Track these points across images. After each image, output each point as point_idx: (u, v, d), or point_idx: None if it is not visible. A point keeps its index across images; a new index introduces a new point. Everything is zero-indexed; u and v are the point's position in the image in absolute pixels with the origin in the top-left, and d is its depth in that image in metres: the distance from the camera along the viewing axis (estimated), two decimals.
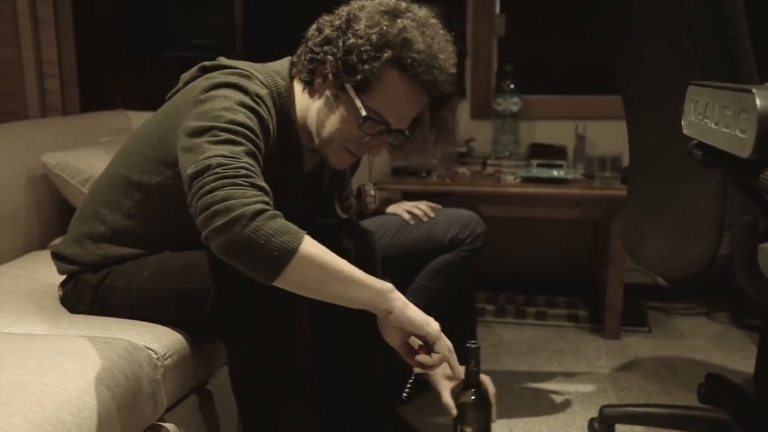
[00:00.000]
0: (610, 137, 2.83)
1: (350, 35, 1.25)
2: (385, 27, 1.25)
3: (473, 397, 1.38)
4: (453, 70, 1.31)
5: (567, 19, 3.04)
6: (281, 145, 1.31)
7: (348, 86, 1.27)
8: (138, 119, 2.53)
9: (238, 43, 3.10)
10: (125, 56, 2.82)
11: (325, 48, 1.28)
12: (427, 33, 1.27)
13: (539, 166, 2.70)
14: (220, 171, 1.06)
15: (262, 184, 1.10)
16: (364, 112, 1.27)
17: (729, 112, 0.85)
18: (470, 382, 1.39)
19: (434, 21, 1.32)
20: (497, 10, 3.02)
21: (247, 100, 1.20)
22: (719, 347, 2.47)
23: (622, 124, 1.73)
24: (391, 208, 1.94)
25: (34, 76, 2.39)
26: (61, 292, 1.48)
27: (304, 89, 1.36)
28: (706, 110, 0.94)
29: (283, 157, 1.34)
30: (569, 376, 2.23)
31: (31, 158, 1.99)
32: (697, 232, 1.34)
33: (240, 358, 1.27)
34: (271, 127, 1.25)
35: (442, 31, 1.32)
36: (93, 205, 1.41)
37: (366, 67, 1.24)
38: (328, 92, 1.30)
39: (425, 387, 1.54)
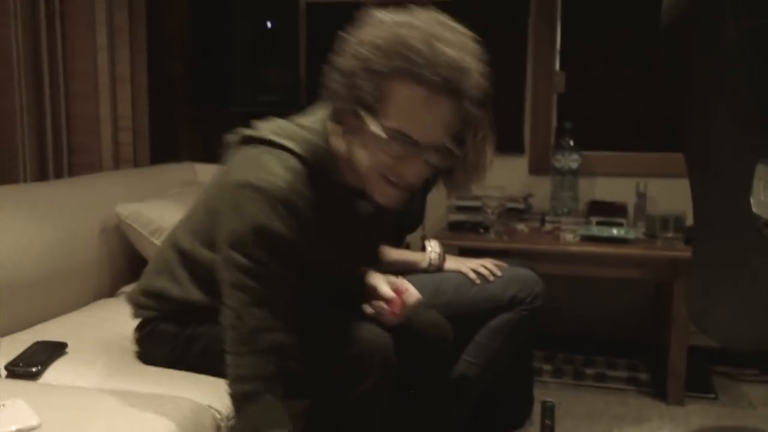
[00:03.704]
0: (672, 195, 2.78)
1: (350, 58, 1.18)
2: (379, 37, 1.16)
3: None
4: (472, 65, 1.17)
5: (627, 76, 3.03)
6: (331, 205, 1.30)
7: (360, 111, 1.18)
8: (204, 172, 2.62)
9: (302, 97, 3.19)
10: (194, 111, 2.94)
11: (333, 80, 1.22)
12: (428, 30, 1.15)
13: (599, 224, 2.67)
14: (232, 334, 1.19)
15: (265, 343, 1.17)
16: (383, 134, 1.17)
17: None
18: None
19: (443, 20, 1.19)
20: (557, 67, 3.04)
21: (266, 211, 1.18)
22: None
23: (685, 182, 1.70)
24: (453, 265, 1.94)
25: (109, 130, 2.51)
26: (137, 336, 1.52)
27: (338, 132, 1.27)
28: None
29: (338, 213, 1.34)
30: None
31: (105, 209, 2.08)
32: (767, 306, 1.31)
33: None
34: (303, 213, 1.23)
35: (455, 30, 1.19)
36: (166, 262, 1.46)
37: (368, 84, 1.16)
38: (352, 125, 1.22)
39: None
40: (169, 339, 1.43)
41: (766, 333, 1.32)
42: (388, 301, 1.42)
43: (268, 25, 2.84)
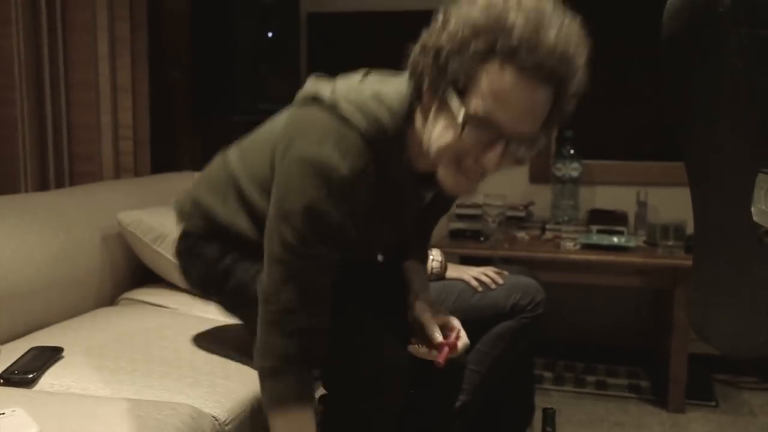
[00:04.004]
0: (673, 204, 2.79)
1: (443, 35, 1.09)
2: (477, 16, 1.07)
3: None
4: (577, 55, 1.08)
5: (628, 85, 3.04)
6: (391, 189, 1.26)
7: (446, 91, 1.10)
8: None
9: None
10: (195, 120, 2.95)
11: (420, 56, 1.14)
12: (531, 12, 1.05)
13: (599, 232, 2.68)
14: (263, 310, 1.20)
15: (294, 326, 1.18)
16: (460, 117, 1.08)
17: None
18: None
19: (547, 4, 1.09)
20: None
21: (323, 194, 1.15)
22: None
23: (686, 190, 1.70)
24: (455, 273, 1.94)
25: (110, 139, 2.51)
26: (178, 247, 1.49)
27: (419, 111, 1.20)
28: None
29: (397, 198, 1.28)
30: None
31: (106, 218, 2.08)
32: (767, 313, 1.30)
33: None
34: (361, 199, 1.19)
35: (564, 16, 1.09)
36: (220, 184, 1.43)
37: (457, 63, 1.07)
38: (434, 105, 1.14)
39: None
40: (206, 263, 1.42)
41: (764, 340, 1.31)
42: (436, 345, 1.37)
43: (269, 34, 2.85)
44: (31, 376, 1.39)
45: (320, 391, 1.37)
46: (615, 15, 3.02)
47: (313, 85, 1.26)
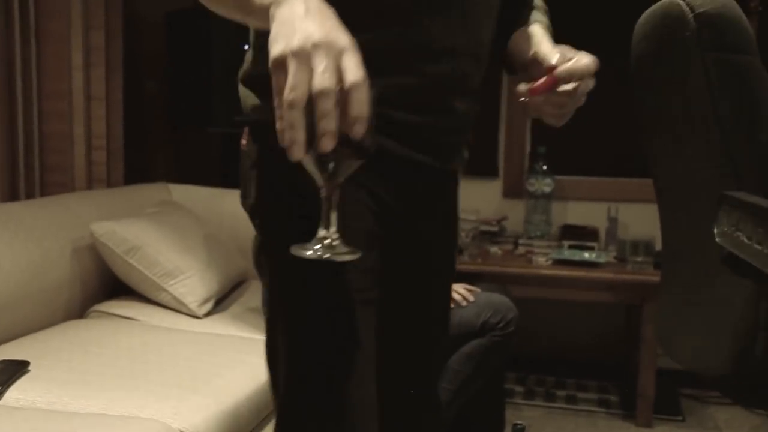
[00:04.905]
0: (642, 220, 2.83)
1: None
2: None
3: None
4: None
5: (600, 103, 3.09)
6: None
7: None
8: (179, 192, 2.61)
9: None
10: (170, 131, 2.94)
11: None
12: None
13: (571, 247, 2.71)
14: None
15: None
16: None
17: (761, 230, 0.86)
18: None
19: None
20: None
21: None
22: None
23: (655, 207, 1.73)
24: None
25: (83, 149, 2.49)
26: (245, 141, 1.16)
27: None
28: (739, 223, 0.95)
29: None
30: None
31: (77, 229, 2.06)
32: (731, 331, 1.33)
33: None
34: None
35: None
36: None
37: None
38: None
39: None
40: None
41: (730, 358, 1.34)
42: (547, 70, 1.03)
43: (245, 45, 2.85)
44: None
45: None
46: (586, 32, 3.07)
47: None
